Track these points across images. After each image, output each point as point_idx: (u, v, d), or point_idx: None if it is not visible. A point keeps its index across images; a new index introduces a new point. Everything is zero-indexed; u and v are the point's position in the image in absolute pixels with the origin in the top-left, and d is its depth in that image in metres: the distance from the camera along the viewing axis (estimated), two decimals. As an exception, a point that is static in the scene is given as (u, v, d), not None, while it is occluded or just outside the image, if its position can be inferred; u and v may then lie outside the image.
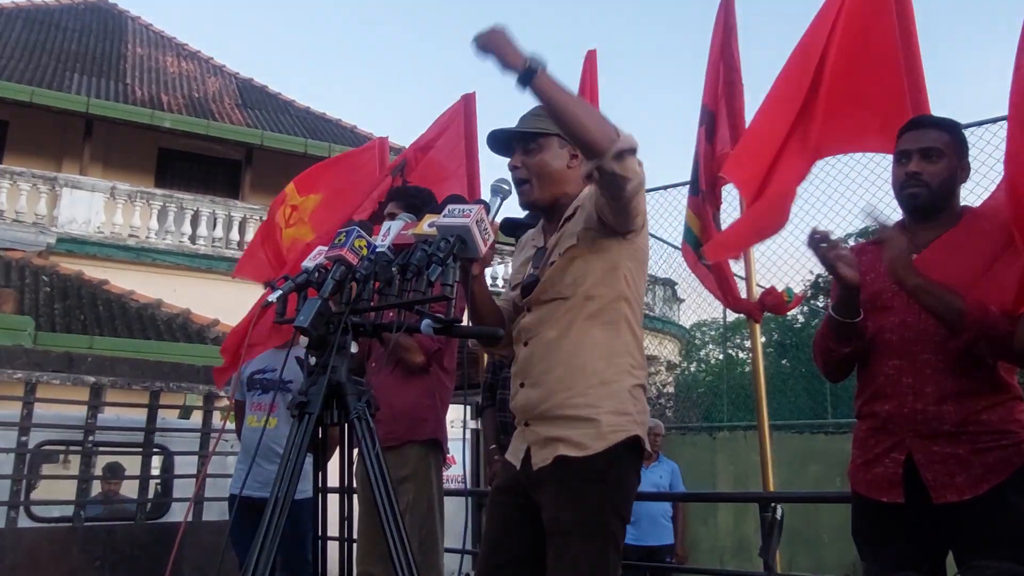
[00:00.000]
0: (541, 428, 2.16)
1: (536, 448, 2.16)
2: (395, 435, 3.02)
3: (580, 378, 2.13)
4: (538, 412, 2.17)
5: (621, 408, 2.13)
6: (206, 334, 10.17)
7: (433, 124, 4.93)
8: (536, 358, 2.20)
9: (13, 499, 4.20)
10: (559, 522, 2.06)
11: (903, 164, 2.21)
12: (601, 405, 2.11)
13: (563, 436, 2.11)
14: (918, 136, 2.21)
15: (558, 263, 2.19)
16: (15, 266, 11.01)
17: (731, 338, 16.18)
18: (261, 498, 3.28)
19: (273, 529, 1.75)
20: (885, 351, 2.15)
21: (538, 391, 2.17)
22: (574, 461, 2.07)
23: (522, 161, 2.24)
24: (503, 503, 2.24)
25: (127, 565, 4.39)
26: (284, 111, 17.15)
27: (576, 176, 2.27)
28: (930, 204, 2.17)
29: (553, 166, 2.24)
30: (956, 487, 1.99)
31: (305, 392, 1.88)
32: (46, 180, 12.56)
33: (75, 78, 14.70)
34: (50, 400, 4.60)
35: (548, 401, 2.15)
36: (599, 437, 2.08)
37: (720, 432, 8.11)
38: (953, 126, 2.25)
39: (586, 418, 2.10)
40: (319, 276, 1.97)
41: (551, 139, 2.24)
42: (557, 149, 2.25)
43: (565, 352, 2.15)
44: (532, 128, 2.25)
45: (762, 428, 3.40)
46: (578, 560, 2.02)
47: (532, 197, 2.25)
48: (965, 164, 2.23)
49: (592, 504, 2.06)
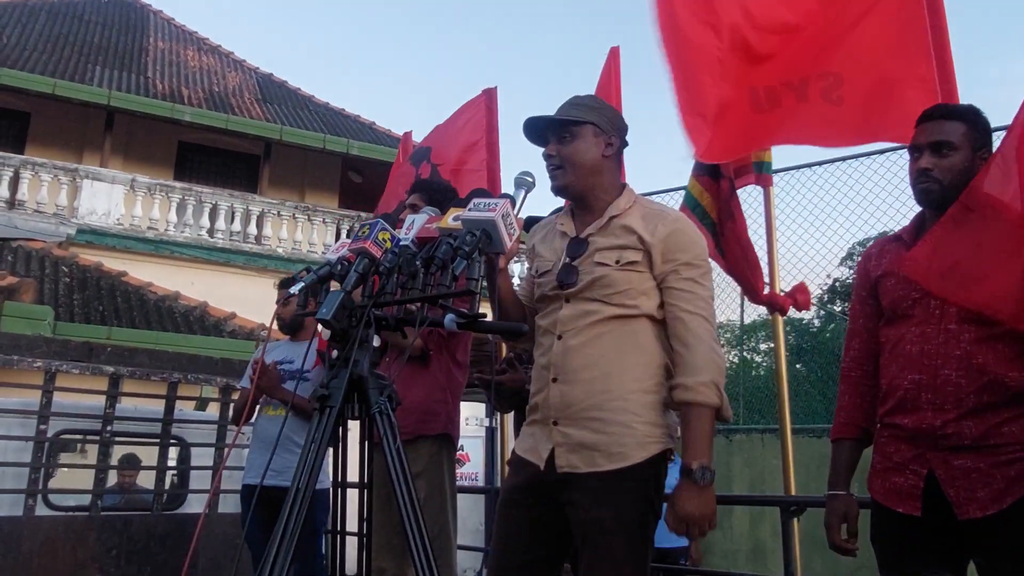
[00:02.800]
0: (573, 430, 2.10)
1: (563, 451, 2.10)
2: (406, 429, 2.99)
3: (620, 383, 2.09)
4: (572, 411, 2.11)
5: (657, 420, 2.10)
6: (223, 327, 10.22)
7: (453, 116, 4.93)
8: (573, 353, 2.14)
9: (31, 487, 4.22)
10: (600, 522, 2.02)
11: (915, 159, 2.15)
12: (640, 414, 2.08)
13: (598, 444, 2.06)
14: (929, 129, 2.14)
15: (612, 268, 2.15)
16: (35, 256, 11.10)
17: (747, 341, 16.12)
18: (274, 487, 3.35)
19: (293, 520, 1.73)
20: (905, 363, 2.09)
21: (575, 389, 2.12)
22: (612, 472, 2.05)
23: (556, 149, 2.22)
24: (521, 503, 2.18)
25: (143, 555, 4.40)
26: (303, 106, 17.20)
27: (610, 166, 2.27)
28: (943, 199, 2.09)
29: (588, 155, 2.22)
30: (978, 502, 1.95)
31: (327, 385, 1.87)
32: (67, 171, 12.66)
33: (97, 71, 14.79)
34: (69, 389, 4.62)
35: (586, 400, 2.10)
36: (638, 447, 2.06)
37: (736, 435, 8.06)
38: (968, 114, 2.15)
39: (624, 424, 2.06)
40: (342, 269, 1.96)
41: (586, 127, 2.22)
42: (592, 138, 2.23)
43: (607, 353, 2.11)
44: (567, 116, 2.23)
45: (784, 430, 3.36)
46: (620, 560, 2.00)
47: (564, 182, 2.22)
48: (985, 154, 2.12)
49: (632, 505, 2.04)
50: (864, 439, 2.24)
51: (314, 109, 17.26)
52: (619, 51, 4.34)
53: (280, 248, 13.52)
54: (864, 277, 2.29)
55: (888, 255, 2.24)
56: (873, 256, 2.29)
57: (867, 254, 2.33)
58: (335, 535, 1.98)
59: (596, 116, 2.24)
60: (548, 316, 2.23)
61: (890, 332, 2.17)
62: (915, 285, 2.11)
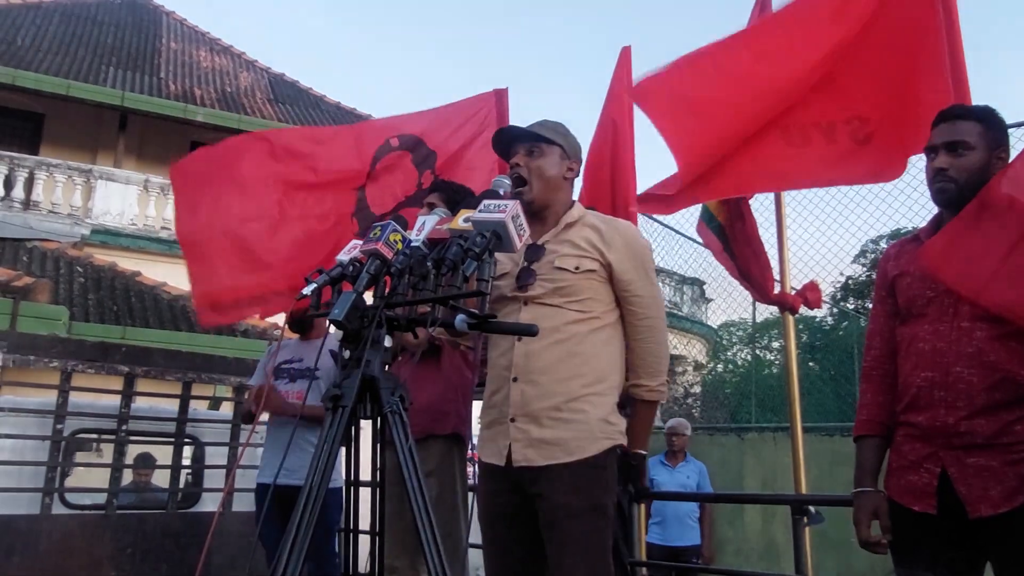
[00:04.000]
0: (531, 427, 2.27)
1: (519, 446, 2.27)
2: (417, 429, 3.02)
3: (577, 385, 2.28)
4: (530, 410, 2.28)
5: (609, 418, 2.30)
6: (236, 326, 10.25)
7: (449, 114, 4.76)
8: (534, 356, 2.29)
9: (48, 486, 4.26)
10: (567, 507, 2.20)
11: (932, 159, 2.16)
12: (594, 413, 2.27)
13: (556, 440, 2.24)
14: (944, 130, 2.15)
15: (572, 274, 2.31)
16: (50, 257, 11.18)
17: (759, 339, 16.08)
18: (287, 485, 3.36)
19: (306, 519, 1.75)
20: (919, 361, 2.10)
21: (534, 389, 2.28)
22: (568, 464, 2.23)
23: (524, 161, 2.38)
24: (499, 504, 2.34)
25: (158, 553, 4.44)
26: (315, 106, 17.25)
27: (568, 187, 2.47)
28: (959, 198, 2.10)
29: (551, 172, 2.40)
30: (991, 500, 1.95)
31: (339, 385, 1.89)
32: (81, 172, 12.74)
33: (110, 72, 14.88)
34: (84, 389, 4.66)
35: (545, 400, 2.26)
36: (592, 441, 2.25)
37: (748, 433, 8.05)
38: (983, 114, 2.16)
39: (580, 422, 2.25)
40: (354, 270, 1.97)
41: (554, 147, 2.41)
42: (557, 159, 2.42)
43: (564, 357, 2.28)
44: (540, 132, 2.39)
45: (795, 429, 3.37)
46: (587, 540, 2.18)
47: (530, 196, 2.37)
48: (1002, 153, 2.14)
49: (594, 490, 2.23)
50: (887, 437, 2.24)
51: (326, 108, 17.31)
52: (630, 51, 4.33)
53: (292, 247, 13.55)
54: (883, 277, 2.32)
55: (906, 255, 2.25)
56: (892, 256, 2.32)
57: (887, 254, 2.36)
58: (347, 533, 2.00)
59: (564, 142, 2.44)
60: (506, 318, 2.37)
61: (905, 331, 2.18)
62: (930, 283, 2.12)
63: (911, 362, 2.13)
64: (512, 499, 2.30)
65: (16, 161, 12.34)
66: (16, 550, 4.06)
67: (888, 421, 2.24)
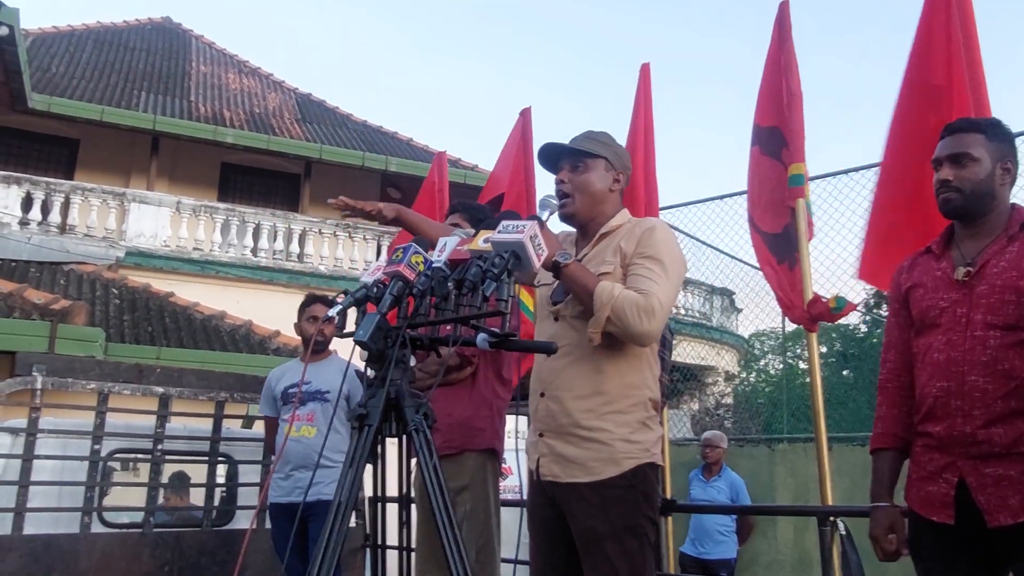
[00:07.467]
0: (556, 443, 2.27)
1: (547, 461, 2.29)
2: (453, 444, 3.08)
3: (601, 403, 2.24)
4: (555, 426, 2.28)
5: (633, 438, 2.24)
6: (268, 345, 10.39)
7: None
8: (560, 372, 2.30)
9: (87, 505, 4.35)
10: (592, 531, 2.19)
11: (937, 172, 2.19)
12: (617, 432, 2.23)
13: (577, 459, 2.23)
14: (949, 143, 2.18)
15: None
16: (86, 279, 11.40)
17: (791, 348, 15.94)
18: (290, 503, 4.01)
19: (336, 532, 1.80)
20: (934, 371, 2.11)
21: (559, 406, 2.28)
22: (589, 484, 2.21)
23: (568, 177, 2.36)
24: (541, 517, 2.35)
25: (194, 570, 4.51)
26: (342, 125, 17.46)
27: (615, 199, 2.42)
28: (964, 208, 2.14)
29: (596, 186, 2.37)
30: (1010, 509, 1.95)
31: (364, 404, 1.94)
32: (115, 195, 12.98)
33: (142, 96, 15.19)
34: (121, 410, 4.75)
35: (568, 417, 2.25)
36: (612, 462, 2.21)
37: (779, 444, 8.00)
38: (987, 126, 2.19)
39: (601, 441, 2.22)
40: (377, 291, 2.03)
41: (599, 160, 2.37)
42: (603, 171, 2.38)
43: (590, 376, 2.26)
44: (582, 147, 2.36)
45: (820, 440, 3.35)
46: (615, 564, 2.15)
47: (572, 210, 2.36)
48: (1008, 163, 2.16)
49: (620, 513, 2.18)
50: (903, 449, 2.25)
51: (352, 127, 17.51)
52: (650, 68, 4.39)
53: (322, 265, 13.71)
54: (896, 289, 2.34)
55: (918, 267, 2.27)
56: (905, 269, 2.33)
57: (900, 267, 2.37)
58: (374, 547, 2.05)
59: (609, 152, 2.39)
60: (542, 332, 2.39)
61: (920, 342, 2.19)
62: (942, 294, 2.13)
63: (927, 373, 2.14)
64: (550, 513, 2.31)
65: (52, 186, 12.60)
66: (56, 568, 4.14)
67: (904, 434, 2.24)
